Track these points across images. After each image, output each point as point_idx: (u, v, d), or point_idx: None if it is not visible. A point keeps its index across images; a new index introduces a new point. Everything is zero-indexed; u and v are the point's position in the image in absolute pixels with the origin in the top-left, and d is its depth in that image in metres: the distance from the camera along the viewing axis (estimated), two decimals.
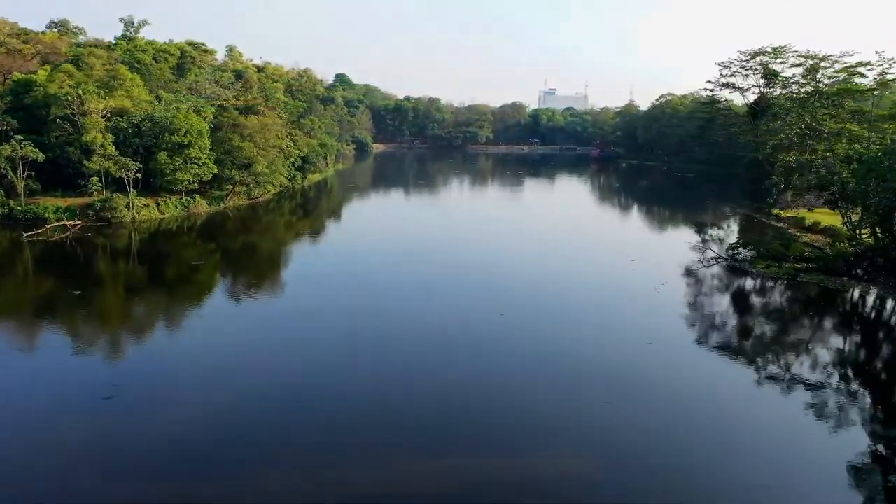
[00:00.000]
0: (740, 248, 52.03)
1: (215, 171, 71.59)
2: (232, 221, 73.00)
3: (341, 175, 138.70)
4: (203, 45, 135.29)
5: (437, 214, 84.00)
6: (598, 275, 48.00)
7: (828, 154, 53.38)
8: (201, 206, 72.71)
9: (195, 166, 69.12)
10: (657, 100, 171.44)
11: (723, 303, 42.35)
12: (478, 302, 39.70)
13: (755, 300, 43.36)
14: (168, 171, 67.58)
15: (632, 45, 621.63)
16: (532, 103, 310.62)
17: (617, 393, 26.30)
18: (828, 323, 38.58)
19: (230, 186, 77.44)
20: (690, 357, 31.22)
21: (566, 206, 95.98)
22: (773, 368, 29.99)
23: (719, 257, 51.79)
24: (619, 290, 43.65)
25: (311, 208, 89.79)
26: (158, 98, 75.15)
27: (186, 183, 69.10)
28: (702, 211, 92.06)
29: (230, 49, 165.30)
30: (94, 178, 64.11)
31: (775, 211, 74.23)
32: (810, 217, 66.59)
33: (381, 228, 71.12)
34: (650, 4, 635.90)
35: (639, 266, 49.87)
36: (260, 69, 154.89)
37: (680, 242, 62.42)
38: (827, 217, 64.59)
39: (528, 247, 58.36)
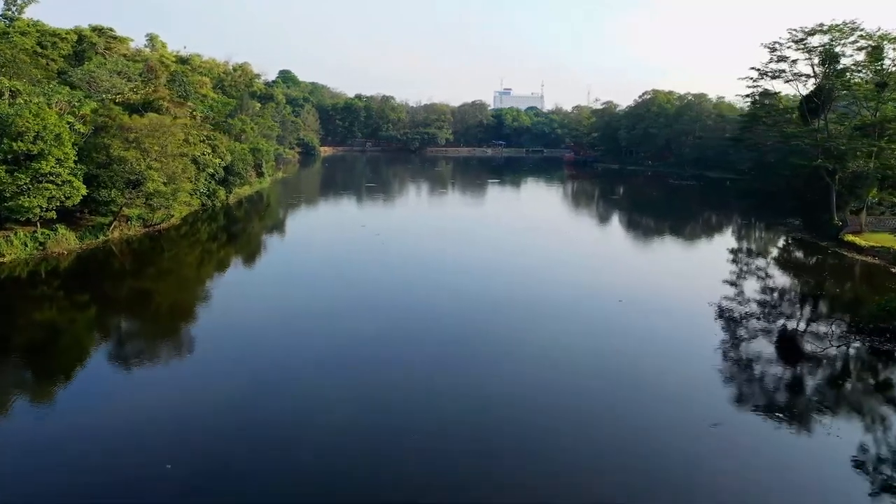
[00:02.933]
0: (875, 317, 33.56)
1: (84, 192, 49.98)
2: (117, 260, 51.82)
3: (282, 184, 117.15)
4: (111, 30, 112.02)
5: (401, 242, 63.44)
6: (700, 382, 28.01)
7: None
8: (67, 242, 50.84)
9: (51, 186, 47.40)
10: (640, 97, 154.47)
11: None
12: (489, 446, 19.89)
13: None
14: (8, 194, 45.87)
15: (588, 43, 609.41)
16: (488, 103, 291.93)
17: None
18: None
19: (117, 210, 55.76)
20: None
21: (563, 228, 74.43)
22: None
23: (853, 331, 33.25)
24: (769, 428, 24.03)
25: (236, 233, 68.31)
26: (2, 93, 52.84)
27: (39, 210, 47.41)
28: (742, 235, 72.74)
29: (151, 38, 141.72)
30: None
31: (848, 237, 56.69)
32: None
33: (325, 266, 50.70)
34: (609, 3, 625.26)
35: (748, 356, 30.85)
36: (184, 61, 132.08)
37: (761, 292, 44.11)
38: None
39: (554, 316, 38.09)
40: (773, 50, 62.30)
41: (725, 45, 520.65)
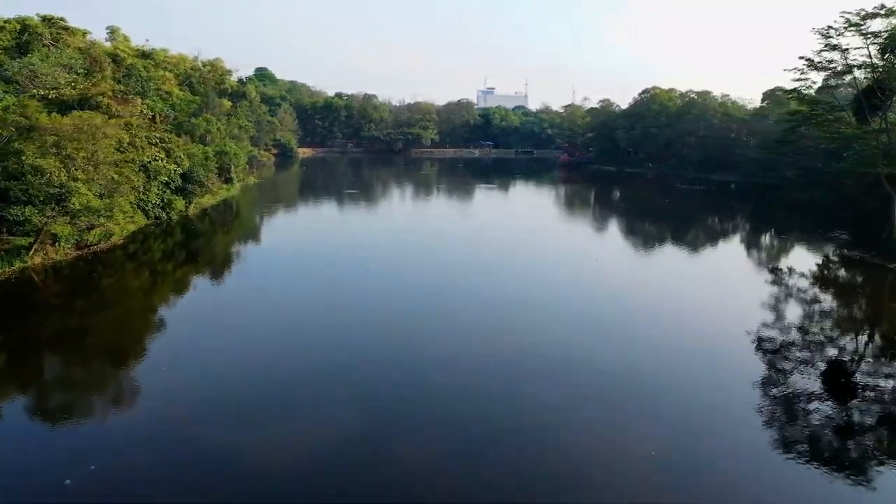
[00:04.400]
0: None
1: None
2: (39, 292, 41.70)
3: (255, 191, 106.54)
4: (62, 20, 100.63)
5: (387, 269, 53.58)
6: None
7: None
8: None
9: None
10: (640, 95, 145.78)
11: None
12: None
13: None
14: None
15: (585, 43, 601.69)
16: (474, 102, 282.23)
17: None
18: None
19: (38, 230, 45.25)
20: None
21: (585, 248, 63.26)
22: None
23: None
24: None
25: (193, 252, 57.81)
26: None
27: None
28: (790, 253, 61.72)
29: (112, 31, 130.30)
30: None
31: None
32: None
33: (300, 293, 40.68)
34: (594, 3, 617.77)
35: None
36: (147, 55, 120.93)
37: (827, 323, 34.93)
38: None
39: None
40: (826, 36, 53.12)
41: (723, 46, 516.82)
